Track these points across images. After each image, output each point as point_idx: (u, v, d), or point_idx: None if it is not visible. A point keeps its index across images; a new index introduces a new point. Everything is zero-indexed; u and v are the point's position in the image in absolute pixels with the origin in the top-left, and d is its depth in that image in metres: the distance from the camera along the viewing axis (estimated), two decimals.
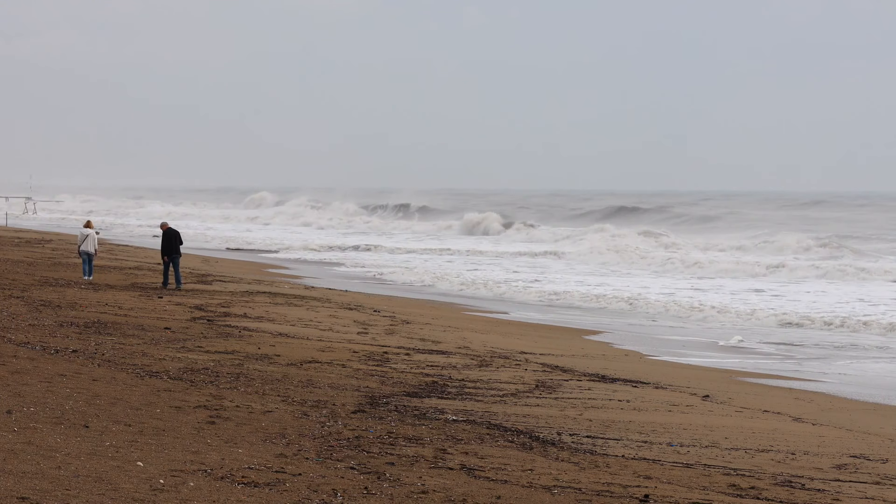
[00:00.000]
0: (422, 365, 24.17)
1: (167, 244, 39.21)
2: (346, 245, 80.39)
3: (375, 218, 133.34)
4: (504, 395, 21.07)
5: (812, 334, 35.63)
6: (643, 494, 13.81)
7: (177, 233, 39.81)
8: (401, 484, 13.43)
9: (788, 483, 15.14)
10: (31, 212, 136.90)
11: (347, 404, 18.82)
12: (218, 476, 13.06)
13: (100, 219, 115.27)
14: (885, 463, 16.92)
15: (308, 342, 26.74)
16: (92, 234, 40.69)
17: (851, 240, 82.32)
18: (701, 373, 26.30)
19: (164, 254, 39.19)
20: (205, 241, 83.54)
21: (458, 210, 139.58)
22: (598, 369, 25.21)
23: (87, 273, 39.91)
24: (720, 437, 18.16)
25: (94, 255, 40.38)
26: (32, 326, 25.66)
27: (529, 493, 13.49)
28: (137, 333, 25.81)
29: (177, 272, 38.89)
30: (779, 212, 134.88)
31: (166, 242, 39.30)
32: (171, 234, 39.48)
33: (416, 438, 16.32)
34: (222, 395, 18.73)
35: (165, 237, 39.49)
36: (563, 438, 17.30)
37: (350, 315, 33.35)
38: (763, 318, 39.05)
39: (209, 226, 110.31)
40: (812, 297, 46.30)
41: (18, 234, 74.37)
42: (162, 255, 39.33)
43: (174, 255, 38.96)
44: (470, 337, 29.92)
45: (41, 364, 20.11)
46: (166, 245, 39.24)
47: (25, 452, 13.28)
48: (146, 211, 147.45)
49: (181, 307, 32.34)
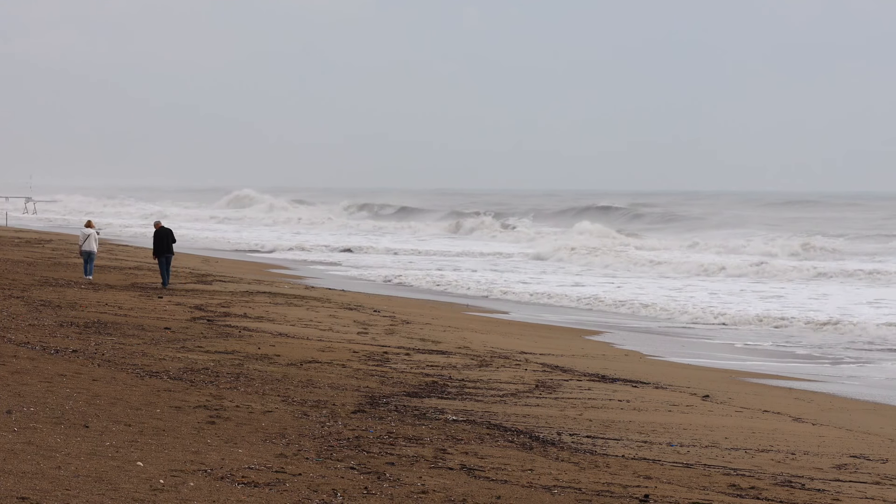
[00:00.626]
0: (422, 365, 24.16)
1: (158, 244, 39.33)
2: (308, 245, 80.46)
3: (351, 219, 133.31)
4: (504, 395, 21.07)
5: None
6: (643, 494, 13.81)
7: (169, 231, 39.81)
8: (401, 484, 13.43)
9: (788, 483, 15.14)
10: (31, 211, 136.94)
11: (347, 404, 18.82)
12: (218, 476, 13.06)
13: (96, 220, 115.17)
14: (885, 463, 16.93)
15: (308, 342, 26.74)
16: (93, 233, 40.76)
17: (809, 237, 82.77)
18: (701, 373, 26.30)
19: (156, 254, 39.35)
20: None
21: (439, 210, 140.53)
22: (598, 369, 25.21)
23: (87, 272, 39.96)
24: (720, 437, 18.16)
25: (95, 255, 40.40)
26: (32, 326, 25.66)
27: (529, 493, 13.49)
28: (137, 333, 25.81)
29: (167, 271, 39.04)
30: (755, 211, 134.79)
31: (157, 242, 39.43)
32: (163, 234, 39.49)
33: (416, 438, 16.32)
34: (222, 395, 18.74)
35: (157, 237, 39.59)
36: (563, 438, 17.30)
37: (350, 315, 33.34)
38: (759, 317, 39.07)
39: (178, 225, 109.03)
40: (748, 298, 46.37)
41: (18, 234, 74.37)
42: (154, 255, 39.48)
43: (167, 254, 39.01)
44: (470, 337, 29.92)
45: (41, 364, 20.11)
46: (157, 245, 39.39)
47: (25, 452, 13.28)
48: (125, 211, 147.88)
49: (181, 307, 32.34)
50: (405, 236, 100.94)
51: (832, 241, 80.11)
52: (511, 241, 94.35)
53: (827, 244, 77.75)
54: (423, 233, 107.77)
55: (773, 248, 76.23)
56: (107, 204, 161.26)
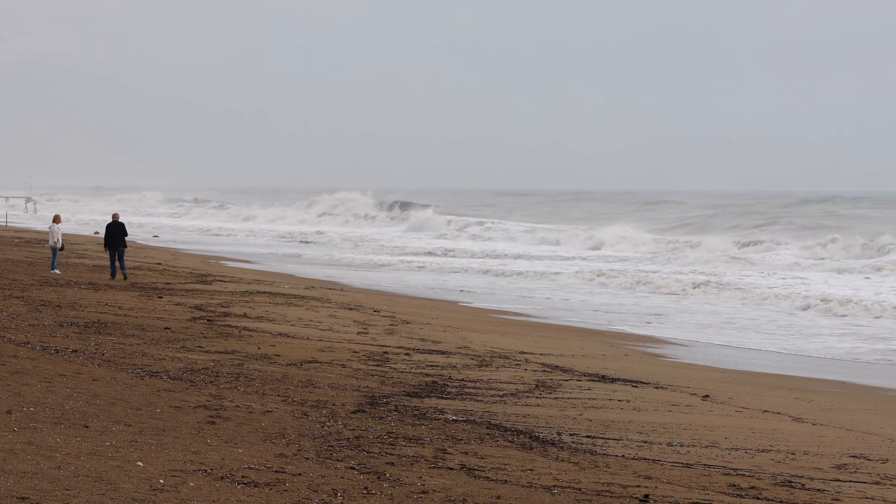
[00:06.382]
0: (422, 365, 24.16)
1: (110, 237, 41.02)
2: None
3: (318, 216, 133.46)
4: (504, 395, 21.07)
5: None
6: (643, 494, 13.81)
7: (122, 225, 41.39)
8: (401, 484, 13.43)
9: (788, 483, 15.14)
10: (31, 211, 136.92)
11: (347, 404, 18.82)
12: (218, 476, 13.06)
13: (99, 217, 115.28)
14: (885, 463, 16.92)
15: (308, 342, 26.74)
16: (55, 228, 42.64)
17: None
18: (701, 373, 26.31)
19: (107, 246, 41.06)
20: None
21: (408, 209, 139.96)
22: (598, 369, 25.21)
23: (51, 266, 41.92)
24: (720, 437, 18.15)
25: (58, 250, 42.42)
26: (32, 326, 25.65)
27: (529, 493, 13.48)
28: (137, 333, 25.81)
29: (122, 262, 40.68)
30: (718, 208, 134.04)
31: (109, 235, 41.14)
32: (116, 227, 41.15)
33: (416, 438, 16.32)
34: (222, 395, 18.74)
35: (109, 230, 41.35)
36: (563, 438, 17.30)
37: (350, 315, 33.34)
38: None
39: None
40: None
41: (18, 234, 74.37)
42: (105, 247, 41.21)
43: (119, 247, 40.68)
44: (470, 337, 29.91)
45: (41, 364, 20.10)
46: (109, 237, 41.09)
47: (25, 452, 13.28)
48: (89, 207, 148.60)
49: (181, 307, 32.34)
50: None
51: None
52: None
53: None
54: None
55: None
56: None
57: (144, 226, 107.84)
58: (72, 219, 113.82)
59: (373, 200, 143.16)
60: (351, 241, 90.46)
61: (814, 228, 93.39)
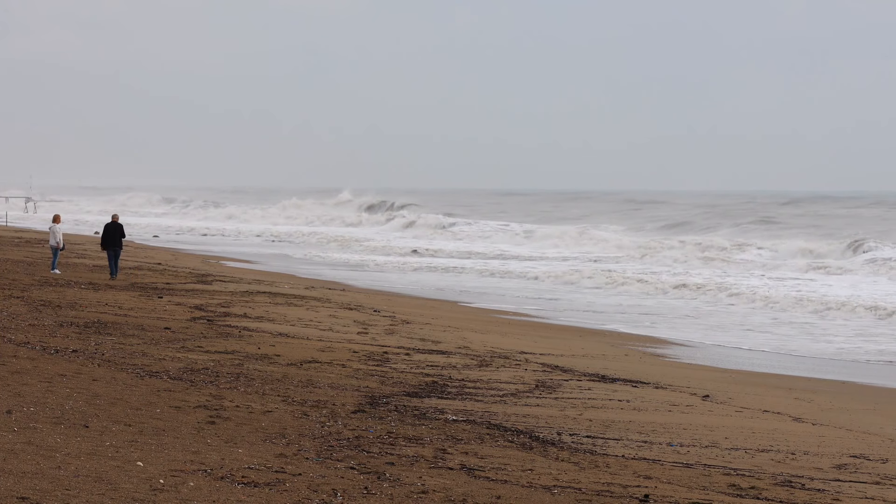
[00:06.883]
0: (422, 365, 24.16)
1: (107, 237, 41.40)
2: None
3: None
4: (504, 395, 21.06)
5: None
6: (643, 494, 13.80)
7: (120, 226, 41.81)
8: (401, 484, 13.42)
9: (788, 483, 15.14)
10: (31, 211, 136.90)
11: (347, 404, 18.82)
12: (218, 476, 13.06)
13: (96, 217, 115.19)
14: (885, 463, 16.92)
15: (308, 342, 26.73)
16: (55, 228, 42.87)
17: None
18: (701, 373, 26.30)
19: (104, 246, 41.45)
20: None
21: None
22: (598, 369, 25.20)
23: (52, 266, 42.08)
24: (720, 437, 18.15)
25: (58, 250, 42.66)
26: (32, 326, 25.65)
27: (529, 493, 13.48)
28: (137, 333, 25.81)
29: (115, 264, 40.96)
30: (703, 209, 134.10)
31: (106, 235, 41.52)
32: (113, 228, 41.56)
33: (416, 438, 16.31)
34: (222, 395, 18.73)
35: (106, 230, 41.77)
36: (563, 438, 17.30)
37: (350, 315, 33.34)
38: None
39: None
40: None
41: (18, 234, 74.35)
42: (102, 247, 41.60)
43: (115, 247, 41.07)
44: (470, 337, 29.90)
45: (41, 364, 20.11)
46: (106, 238, 41.48)
47: (25, 452, 13.28)
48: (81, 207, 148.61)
49: (181, 307, 32.33)
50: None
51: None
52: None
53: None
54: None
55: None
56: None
57: (134, 226, 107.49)
58: (71, 219, 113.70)
59: (361, 200, 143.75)
60: (338, 241, 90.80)
61: (802, 227, 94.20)
